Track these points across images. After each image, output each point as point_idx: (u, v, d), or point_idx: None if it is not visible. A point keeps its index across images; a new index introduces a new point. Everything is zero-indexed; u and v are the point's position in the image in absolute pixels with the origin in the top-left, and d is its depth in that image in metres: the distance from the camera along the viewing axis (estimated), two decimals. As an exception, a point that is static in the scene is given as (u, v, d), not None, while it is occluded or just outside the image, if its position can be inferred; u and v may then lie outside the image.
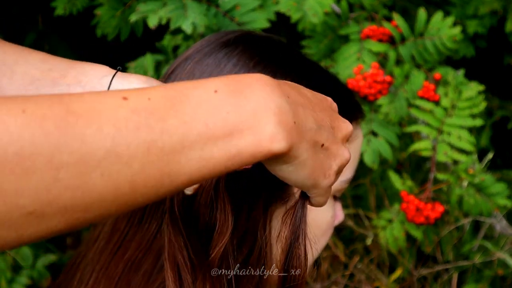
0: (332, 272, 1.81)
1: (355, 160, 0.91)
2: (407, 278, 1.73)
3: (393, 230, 1.41)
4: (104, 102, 0.47)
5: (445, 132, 1.35)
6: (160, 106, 0.50)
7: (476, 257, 1.60)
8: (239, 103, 0.54)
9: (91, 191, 0.45)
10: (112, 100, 0.48)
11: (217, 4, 1.27)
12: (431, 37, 1.38)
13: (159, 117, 0.49)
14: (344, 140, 0.65)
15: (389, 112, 1.35)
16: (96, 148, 0.45)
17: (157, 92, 0.51)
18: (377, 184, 1.87)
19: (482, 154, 1.75)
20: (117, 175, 0.47)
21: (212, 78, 0.55)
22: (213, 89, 0.53)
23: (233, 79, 0.56)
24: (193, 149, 0.51)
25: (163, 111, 0.50)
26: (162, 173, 0.49)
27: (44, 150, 0.43)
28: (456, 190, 1.37)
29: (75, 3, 1.39)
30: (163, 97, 0.51)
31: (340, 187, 0.89)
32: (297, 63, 0.88)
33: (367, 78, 1.35)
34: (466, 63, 1.80)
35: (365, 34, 1.40)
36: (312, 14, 1.27)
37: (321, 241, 0.91)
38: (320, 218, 0.89)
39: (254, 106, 0.54)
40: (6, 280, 1.55)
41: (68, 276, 0.92)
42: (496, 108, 2.04)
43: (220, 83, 0.54)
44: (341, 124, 0.64)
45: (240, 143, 0.53)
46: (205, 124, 0.52)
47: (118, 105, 0.48)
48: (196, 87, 0.54)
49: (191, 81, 0.55)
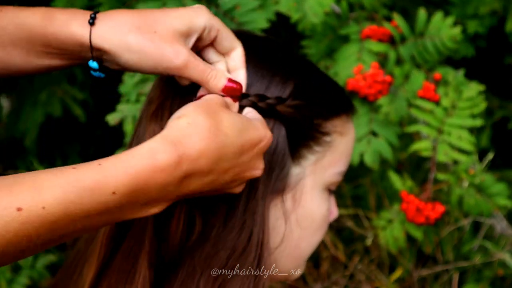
0: (332, 273, 1.81)
1: (348, 154, 0.93)
2: (407, 279, 1.73)
3: (393, 230, 1.41)
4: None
5: (445, 132, 1.35)
6: (55, 217, 0.61)
7: (476, 257, 1.60)
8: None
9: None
10: (7, 213, 0.58)
11: (217, 4, 1.27)
12: (431, 37, 1.37)
13: (50, 229, 0.61)
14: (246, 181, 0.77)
15: (389, 112, 1.35)
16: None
17: (55, 199, 0.61)
18: (377, 184, 1.87)
19: (483, 154, 1.75)
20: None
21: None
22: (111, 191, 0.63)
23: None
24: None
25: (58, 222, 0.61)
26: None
27: None
28: (456, 190, 1.37)
29: (74, 3, 1.39)
30: (59, 204, 0.61)
31: (335, 180, 0.91)
32: (287, 62, 0.89)
33: (367, 78, 1.35)
34: (466, 63, 1.80)
35: (365, 34, 1.40)
36: (312, 14, 1.27)
37: (316, 235, 0.92)
38: (316, 211, 0.90)
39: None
40: (6, 280, 1.55)
41: (68, 273, 0.92)
42: (496, 108, 2.04)
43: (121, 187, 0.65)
44: (254, 172, 0.76)
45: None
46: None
47: (11, 219, 0.59)
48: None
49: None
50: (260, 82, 0.84)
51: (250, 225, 0.82)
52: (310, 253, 0.93)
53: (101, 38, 0.76)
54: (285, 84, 0.85)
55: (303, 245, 0.90)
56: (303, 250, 0.91)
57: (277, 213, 0.86)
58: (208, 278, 0.80)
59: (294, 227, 0.88)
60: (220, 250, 0.81)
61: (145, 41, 0.75)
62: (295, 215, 0.88)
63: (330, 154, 0.89)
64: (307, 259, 0.94)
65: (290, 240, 0.88)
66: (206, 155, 0.69)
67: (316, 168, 0.88)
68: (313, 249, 0.93)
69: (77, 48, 0.77)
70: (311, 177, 0.88)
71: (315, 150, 0.87)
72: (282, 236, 0.87)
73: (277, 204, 0.86)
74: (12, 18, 0.76)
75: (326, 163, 0.89)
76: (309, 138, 0.86)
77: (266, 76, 0.85)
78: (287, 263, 0.90)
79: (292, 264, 0.91)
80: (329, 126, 0.88)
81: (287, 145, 0.84)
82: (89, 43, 0.76)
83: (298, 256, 0.91)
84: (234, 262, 0.81)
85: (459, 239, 1.71)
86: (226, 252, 0.81)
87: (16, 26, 0.76)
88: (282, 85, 0.85)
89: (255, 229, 0.82)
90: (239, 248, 0.81)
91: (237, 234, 0.81)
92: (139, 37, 0.75)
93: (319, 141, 0.88)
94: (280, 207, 0.86)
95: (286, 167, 0.84)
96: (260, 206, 0.82)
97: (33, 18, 0.76)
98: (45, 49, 0.77)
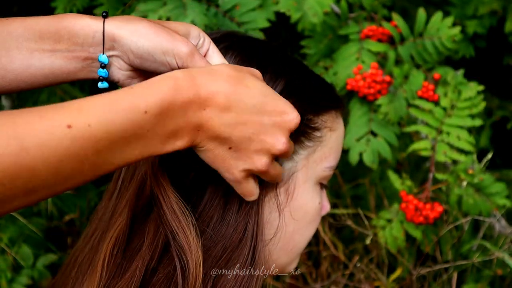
0: (332, 272, 1.82)
1: (338, 149, 0.96)
2: (406, 278, 1.73)
3: (392, 230, 1.41)
4: (52, 133, 0.62)
5: (444, 132, 1.36)
6: (99, 135, 0.65)
7: (475, 256, 1.60)
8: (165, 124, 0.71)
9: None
10: (59, 130, 0.63)
11: (217, 3, 1.27)
12: (431, 37, 1.38)
13: (96, 150, 0.65)
14: (268, 153, 0.77)
15: (388, 112, 1.35)
16: (44, 177, 0.62)
17: (98, 118, 0.65)
18: (376, 184, 1.87)
19: (482, 154, 1.75)
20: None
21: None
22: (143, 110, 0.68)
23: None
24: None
25: (101, 142, 0.66)
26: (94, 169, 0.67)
27: (4, 180, 0.60)
28: (455, 190, 1.37)
29: (75, 3, 1.40)
30: (101, 123, 0.66)
31: (326, 174, 0.94)
32: (277, 61, 0.92)
33: (366, 78, 1.35)
34: (466, 63, 1.80)
35: (364, 34, 1.40)
36: (312, 14, 1.28)
37: (309, 228, 0.95)
38: (308, 204, 0.93)
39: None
40: (7, 280, 1.55)
41: (67, 271, 0.93)
42: (495, 108, 2.04)
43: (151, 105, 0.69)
44: (274, 141, 0.77)
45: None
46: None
47: (63, 135, 0.63)
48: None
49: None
50: None
51: (245, 218, 0.84)
52: (303, 247, 0.96)
53: (114, 25, 0.79)
54: (276, 81, 0.87)
55: (296, 237, 0.93)
56: (297, 243, 0.94)
57: (271, 206, 0.89)
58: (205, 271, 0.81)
59: (288, 220, 0.91)
60: (217, 243, 0.83)
61: (156, 27, 0.79)
62: (288, 208, 0.91)
63: (320, 149, 0.92)
64: (300, 253, 0.97)
65: (284, 233, 0.91)
66: (225, 93, 0.73)
67: (308, 162, 0.91)
68: (306, 242, 0.96)
69: (89, 39, 0.79)
70: (303, 171, 0.91)
71: (306, 145, 0.91)
72: (276, 228, 0.89)
73: (271, 197, 0.89)
74: (21, 22, 0.79)
75: (317, 158, 0.92)
76: (301, 133, 0.89)
77: None
78: (281, 256, 0.93)
79: (286, 257, 0.94)
80: (319, 121, 0.91)
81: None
82: (102, 32, 0.78)
83: (292, 249, 0.94)
84: (229, 254, 0.83)
85: (458, 239, 1.71)
86: (222, 244, 0.83)
87: (25, 27, 0.78)
88: (273, 83, 0.87)
89: (250, 222, 0.85)
90: (235, 241, 0.83)
91: (233, 227, 0.84)
92: (151, 25, 0.79)
93: (310, 136, 0.91)
94: (274, 200, 0.89)
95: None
96: (254, 199, 0.85)
97: (44, 19, 0.79)
98: (54, 46, 0.79)
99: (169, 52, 0.78)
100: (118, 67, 0.82)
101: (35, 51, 0.79)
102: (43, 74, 0.80)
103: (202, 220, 0.84)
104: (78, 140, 0.64)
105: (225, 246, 0.83)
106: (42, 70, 0.80)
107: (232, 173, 0.78)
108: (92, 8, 1.35)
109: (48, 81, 0.81)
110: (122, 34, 0.79)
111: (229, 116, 0.73)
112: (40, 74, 0.80)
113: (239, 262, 0.83)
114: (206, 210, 0.84)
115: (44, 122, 0.63)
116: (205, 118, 0.73)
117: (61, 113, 0.64)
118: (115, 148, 0.67)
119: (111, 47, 0.80)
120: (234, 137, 0.75)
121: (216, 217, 0.84)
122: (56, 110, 0.64)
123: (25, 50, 0.79)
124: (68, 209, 1.76)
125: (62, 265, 0.97)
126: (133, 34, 0.79)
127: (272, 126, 0.77)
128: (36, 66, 0.80)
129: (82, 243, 0.93)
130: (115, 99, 0.67)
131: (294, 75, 0.91)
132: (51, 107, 0.64)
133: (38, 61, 0.79)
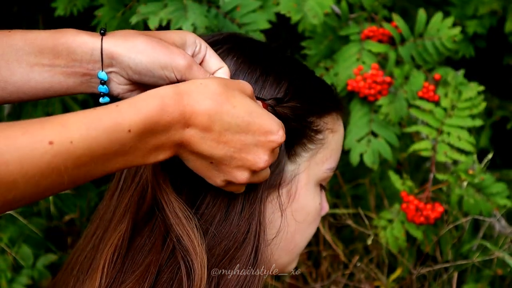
0: (332, 272, 1.82)
1: (338, 150, 0.98)
2: (406, 278, 1.73)
3: (393, 230, 1.41)
4: (33, 148, 0.63)
5: (444, 132, 1.36)
6: (80, 152, 0.66)
7: (475, 256, 1.60)
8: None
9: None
10: (41, 146, 0.64)
11: (217, 5, 1.27)
12: (431, 38, 1.38)
13: (77, 165, 0.66)
14: (249, 170, 0.79)
15: (389, 113, 1.35)
16: (23, 189, 0.64)
17: (80, 135, 0.66)
18: (377, 184, 1.87)
19: (482, 154, 1.75)
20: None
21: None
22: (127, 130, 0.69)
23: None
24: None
25: (83, 158, 0.66)
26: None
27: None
28: (456, 190, 1.37)
29: (75, 3, 1.39)
30: (84, 140, 0.66)
31: (326, 175, 0.96)
32: (279, 63, 0.93)
33: (367, 78, 1.35)
34: (466, 64, 1.80)
35: (365, 35, 1.40)
36: (312, 15, 1.27)
37: (310, 228, 0.97)
38: (310, 205, 0.95)
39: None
40: (7, 280, 1.55)
41: (68, 269, 0.94)
42: (495, 108, 2.04)
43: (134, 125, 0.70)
44: (256, 159, 0.78)
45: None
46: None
47: (45, 151, 0.64)
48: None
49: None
50: (254, 84, 0.87)
51: (249, 218, 0.86)
52: (303, 247, 0.98)
53: (112, 43, 0.79)
54: (279, 85, 0.88)
55: (297, 238, 0.95)
56: (298, 243, 0.96)
57: (273, 207, 0.91)
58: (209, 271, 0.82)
59: (290, 221, 0.92)
60: (220, 242, 0.83)
61: (153, 42, 0.79)
62: (290, 209, 0.92)
63: (322, 151, 0.94)
64: (300, 253, 0.99)
65: (285, 233, 0.92)
66: (208, 113, 0.74)
67: (310, 164, 0.93)
68: (306, 242, 0.98)
69: (87, 56, 0.79)
70: (305, 173, 0.92)
71: (309, 148, 0.92)
72: (278, 228, 0.91)
73: (273, 198, 0.90)
74: (22, 36, 0.79)
75: (319, 160, 0.94)
76: (303, 136, 0.90)
77: (259, 78, 0.88)
78: (282, 256, 0.94)
79: (287, 257, 0.96)
80: (321, 123, 0.92)
81: (283, 143, 0.87)
82: (100, 49, 0.79)
83: (293, 249, 0.95)
84: (232, 253, 0.83)
85: (458, 239, 1.71)
86: (225, 244, 0.83)
87: (26, 41, 0.79)
88: (276, 86, 0.87)
89: (253, 221, 0.86)
90: (239, 240, 0.84)
91: (237, 226, 0.84)
92: (148, 40, 0.80)
93: (312, 139, 0.92)
94: (276, 201, 0.90)
95: (282, 164, 0.88)
96: (257, 200, 0.86)
97: (43, 33, 0.80)
98: (53, 61, 0.79)
99: (167, 66, 0.79)
100: (117, 83, 0.82)
101: (35, 65, 0.79)
102: (43, 88, 0.81)
103: (205, 219, 0.85)
104: (60, 155, 0.65)
105: (228, 245, 0.84)
106: (42, 84, 0.81)
107: (214, 181, 0.80)
108: (93, 8, 1.35)
109: (49, 93, 0.82)
110: (120, 51, 0.79)
111: (210, 135, 0.75)
112: (40, 87, 0.81)
113: (242, 262, 0.84)
114: (209, 209, 0.85)
115: (26, 137, 0.64)
116: (187, 136, 0.74)
117: (44, 128, 0.65)
118: (96, 162, 0.68)
119: (110, 64, 0.80)
120: (215, 155, 0.76)
121: (219, 217, 0.85)
122: (40, 125, 0.65)
123: (25, 63, 0.79)
124: (68, 209, 1.76)
125: (64, 263, 0.97)
126: (130, 51, 0.79)
127: (255, 145, 0.78)
128: (36, 80, 0.80)
129: (84, 242, 0.94)
130: (99, 117, 0.68)
131: (297, 77, 0.91)
132: (35, 122, 0.65)
133: (38, 75, 0.80)
